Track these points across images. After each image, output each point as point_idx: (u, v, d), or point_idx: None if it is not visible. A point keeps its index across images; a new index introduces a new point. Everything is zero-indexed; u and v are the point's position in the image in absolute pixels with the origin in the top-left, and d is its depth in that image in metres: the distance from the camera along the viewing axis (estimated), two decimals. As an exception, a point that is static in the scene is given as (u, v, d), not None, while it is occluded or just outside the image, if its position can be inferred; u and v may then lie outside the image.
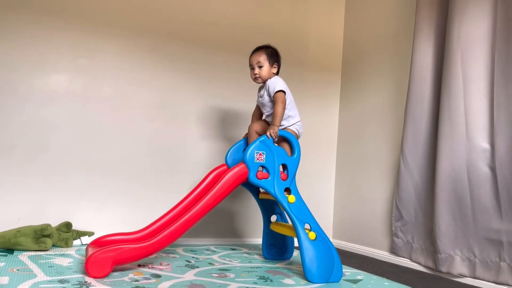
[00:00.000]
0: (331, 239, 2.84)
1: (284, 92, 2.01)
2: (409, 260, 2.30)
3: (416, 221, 2.29)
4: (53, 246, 2.15)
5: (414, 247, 2.28)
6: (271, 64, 2.07)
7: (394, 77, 2.62)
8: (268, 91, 2.04)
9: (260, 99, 2.11)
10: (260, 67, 2.06)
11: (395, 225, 2.39)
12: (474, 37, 2.03)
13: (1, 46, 2.23)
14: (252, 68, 2.09)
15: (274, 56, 2.09)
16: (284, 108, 1.98)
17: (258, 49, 2.10)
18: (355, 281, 1.84)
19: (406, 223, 2.34)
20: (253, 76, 2.09)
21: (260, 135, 2.05)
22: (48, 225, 2.09)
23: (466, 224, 2.00)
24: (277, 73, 2.12)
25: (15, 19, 2.26)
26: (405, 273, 2.13)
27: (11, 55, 2.25)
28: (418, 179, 2.28)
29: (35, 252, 2.02)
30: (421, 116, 2.27)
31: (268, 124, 2.09)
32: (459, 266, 2.00)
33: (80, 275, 1.62)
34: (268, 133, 1.91)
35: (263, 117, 2.17)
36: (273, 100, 2.02)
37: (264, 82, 2.08)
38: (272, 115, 1.99)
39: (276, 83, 2.02)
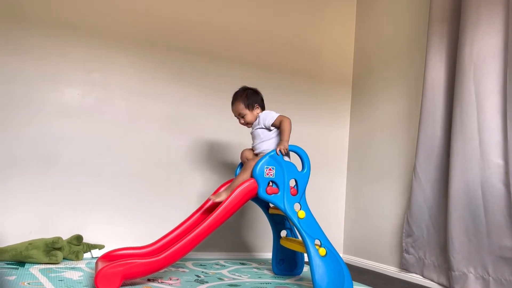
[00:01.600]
0: (341, 255, 2.81)
1: (280, 114, 2.04)
2: (420, 277, 2.27)
3: (428, 237, 2.25)
4: (64, 259, 2.16)
5: (426, 263, 2.24)
6: (251, 109, 2.10)
7: (406, 91, 2.61)
8: (260, 124, 2.07)
9: (252, 130, 2.13)
10: (243, 116, 2.11)
11: (406, 241, 2.35)
12: (486, 53, 2.02)
13: (16, 60, 2.27)
14: (237, 117, 2.15)
15: (251, 99, 2.11)
16: (290, 123, 2.00)
17: (234, 100, 2.13)
18: (366, 299, 1.81)
19: (417, 239, 2.30)
20: (241, 124, 2.15)
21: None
22: (59, 238, 2.10)
23: (480, 241, 1.96)
24: (262, 109, 2.14)
25: (30, 34, 2.31)
26: (417, 291, 2.09)
27: (25, 69, 2.29)
28: (430, 195, 2.25)
29: (46, 265, 2.03)
30: (433, 131, 2.25)
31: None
32: (472, 284, 1.96)
33: (90, 290, 1.62)
34: (278, 149, 1.91)
35: (251, 146, 2.15)
36: (275, 127, 2.05)
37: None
38: (280, 131, 2.00)
39: (268, 115, 2.05)
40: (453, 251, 2.03)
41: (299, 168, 1.95)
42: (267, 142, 2.04)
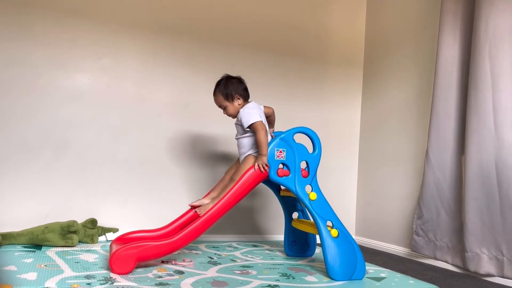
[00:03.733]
0: (353, 236, 2.81)
1: (260, 121, 1.92)
2: (432, 259, 2.26)
3: (438, 219, 2.24)
4: (79, 242, 2.20)
5: (438, 245, 2.23)
6: (231, 100, 1.99)
7: (418, 71, 2.57)
8: (240, 121, 1.98)
9: (236, 120, 2.04)
10: (224, 108, 2.01)
11: (416, 223, 2.34)
12: (502, 30, 1.97)
13: (26, 47, 2.29)
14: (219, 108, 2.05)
15: (229, 89, 1.98)
16: (265, 135, 1.89)
17: (214, 90, 2.03)
18: (379, 279, 1.81)
19: (426, 221, 2.29)
20: (225, 115, 2.06)
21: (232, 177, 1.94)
22: (75, 221, 2.14)
23: (493, 222, 1.94)
24: (245, 99, 2.03)
25: (39, 20, 2.31)
26: (430, 271, 2.09)
27: (36, 56, 2.30)
28: (442, 176, 2.22)
29: (62, 248, 2.07)
30: (446, 112, 2.21)
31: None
32: (486, 265, 1.95)
33: (106, 271, 1.66)
34: (256, 165, 1.85)
35: (235, 137, 2.06)
36: (249, 130, 1.94)
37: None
38: (257, 144, 1.89)
39: (248, 116, 1.92)
40: (467, 232, 2.01)
41: (310, 150, 1.94)
42: (244, 140, 1.97)
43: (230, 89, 1.98)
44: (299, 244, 2.24)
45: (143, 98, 2.52)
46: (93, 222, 2.25)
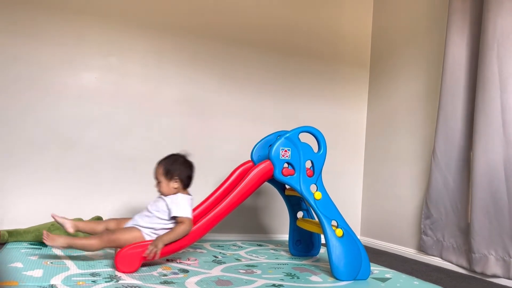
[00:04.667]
0: (358, 236, 2.80)
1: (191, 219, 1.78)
2: (439, 259, 2.25)
3: (446, 219, 2.22)
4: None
5: (445, 245, 2.22)
6: (169, 179, 1.81)
7: (425, 71, 2.55)
8: (168, 204, 1.79)
9: (161, 196, 1.83)
10: (158, 182, 1.83)
11: (424, 223, 2.33)
12: (510, 30, 1.95)
13: (34, 45, 2.30)
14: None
15: (173, 167, 1.82)
16: (186, 233, 1.75)
17: (160, 162, 1.86)
18: (384, 280, 1.81)
19: (435, 221, 2.28)
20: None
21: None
22: (80, 219, 2.15)
23: (501, 223, 1.93)
24: (184, 187, 1.86)
25: (47, 19, 2.33)
26: (435, 272, 2.08)
27: (44, 53, 2.32)
28: (450, 176, 2.21)
29: (68, 245, 2.08)
30: (454, 112, 2.20)
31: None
32: (493, 267, 1.93)
33: (111, 269, 1.66)
34: (148, 251, 1.64)
35: (149, 208, 1.83)
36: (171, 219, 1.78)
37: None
38: (171, 230, 1.74)
39: (183, 207, 1.77)
40: (474, 233, 2.00)
41: (315, 149, 1.94)
42: (159, 220, 1.78)
43: (175, 169, 1.82)
44: (304, 244, 2.24)
45: (149, 96, 2.52)
46: (98, 219, 2.26)
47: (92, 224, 1.86)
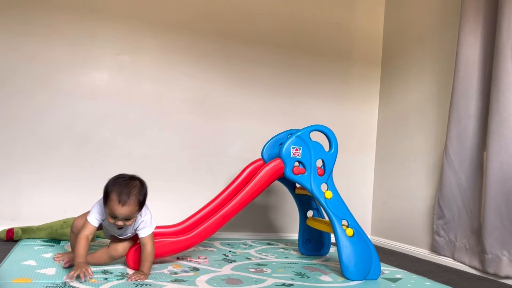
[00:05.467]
0: (369, 236, 2.79)
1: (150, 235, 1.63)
2: (451, 260, 2.23)
3: (459, 219, 2.20)
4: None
5: (458, 246, 2.20)
6: (139, 212, 1.59)
7: (437, 70, 2.52)
8: (139, 225, 1.61)
9: (114, 225, 1.56)
10: (128, 219, 1.54)
11: (437, 223, 2.31)
12: (525, 27, 1.92)
13: (47, 44, 2.33)
14: (114, 217, 1.52)
15: (144, 200, 1.61)
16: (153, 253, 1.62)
17: (128, 198, 1.52)
18: (394, 280, 1.80)
19: (448, 221, 2.25)
20: (116, 226, 1.56)
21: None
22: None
23: (514, 224, 1.90)
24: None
25: (59, 18, 2.35)
26: (447, 273, 2.06)
27: (56, 52, 2.34)
28: (463, 176, 2.19)
29: (80, 242, 2.10)
30: (467, 111, 2.17)
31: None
32: (506, 268, 1.91)
33: (122, 267, 1.68)
34: (135, 277, 1.50)
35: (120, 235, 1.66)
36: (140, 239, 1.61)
37: None
38: (143, 259, 1.59)
39: (147, 223, 1.61)
40: (486, 233, 1.98)
41: (326, 148, 1.93)
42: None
43: (144, 199, 1.60)
44: (314, 243, 2.24)
45: (160, 95, 2.54)
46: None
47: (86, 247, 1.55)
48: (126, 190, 1.53)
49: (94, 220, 1.59)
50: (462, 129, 2.19)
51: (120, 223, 1.53)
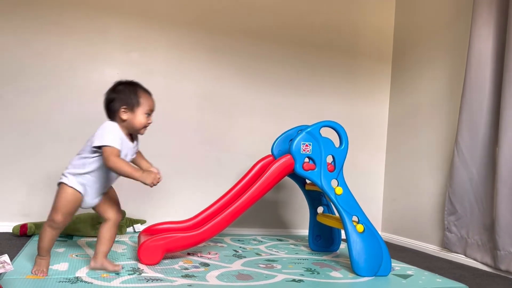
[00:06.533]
0: (380, 232, 2.77)
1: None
2: (463, 256, 2.21)
3: (471, 215, 2.18)
4: (81, 236, 2.24)
5: (469, 242, 2.18)
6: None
7: (449, 65, 2.49)
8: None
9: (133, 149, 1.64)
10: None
11: (448, 219, 2.29)
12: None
13: (59, 41, 2.35)
14: (150, 112, 1.63)
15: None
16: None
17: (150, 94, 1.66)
18: (405, 276, 1.79)
19: (460, 217, 2.23)
20: (147, 125, 1.62)
21: None
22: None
23: (527, 220, 1.88)
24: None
25: (71, 15, 2.37)
26: (458, 270, 2.04)
27: (67, 49, 2.36)
28: (475, 171, 2.16)
29: (92, 238, 2.13)
30: (479, 105, 2.14)
31: None
32: (519, 264, 1.89)
33: (134, 262, 1.69)
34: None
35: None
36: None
37: None
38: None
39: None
40: (499, 229, 1.96)
41: (337, 144, 1.92)
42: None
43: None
44: (324, 239, 2.23)
45: (170, 91, 2.55)
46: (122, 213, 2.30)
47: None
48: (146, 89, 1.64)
49: (116, 144, 1.48)
50: (473, 123, 2.16)
51: (150, 119, 1.60)
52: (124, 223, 2.31)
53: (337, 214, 2.06)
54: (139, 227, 2.38)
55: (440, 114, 2.51)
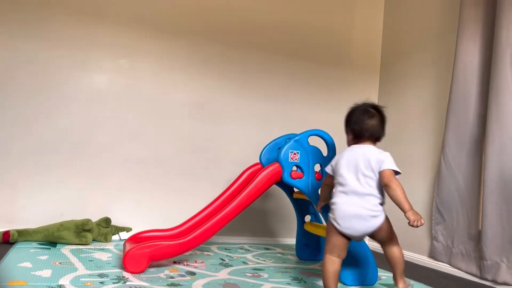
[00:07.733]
0: (366, 241, 2.78)
1: None
2: (448, 266, 2.22)
3: (457, 225, 2.20)
4: (93, 240, 2.22)
5: (454, 252, 2.19)
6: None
7: (436, 77, 2.53)
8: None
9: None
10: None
11: (435, 229, 2.30)
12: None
13: (47, 47, 2.33)
14: None
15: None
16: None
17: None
18: (391, 286, 1.79)
19: (447, 227, 2.25)
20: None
21: None
22: (89, 220, 2.16)
23: (513, 230, 1.90)
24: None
25: (60, 22, 2.35)
26: (444, 279, 2.05)
27: (56, 56, 2.34)
28: (461, 181, 2.18)
29: (76, 245, 2.10)
30: (465, 117, 2.17)
31: None
32: (504, 274, 1.90)
33: (118, 270, 1.67)
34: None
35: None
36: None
37: None
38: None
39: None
40: (486, 239, 1.97)
41: (325, 153, 1.93)
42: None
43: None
44: (311, 248, 2.23)
45: (159, 98, 2.53)
46: (107, 221, 2.27)
47: None
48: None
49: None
50: (460, 134, 2.19)
51: None
52: (109, 230, 2.28)
53: (324, 223, 2.06)
54: (125, 235, 2.35)
55: (427, 125, 2.54)
